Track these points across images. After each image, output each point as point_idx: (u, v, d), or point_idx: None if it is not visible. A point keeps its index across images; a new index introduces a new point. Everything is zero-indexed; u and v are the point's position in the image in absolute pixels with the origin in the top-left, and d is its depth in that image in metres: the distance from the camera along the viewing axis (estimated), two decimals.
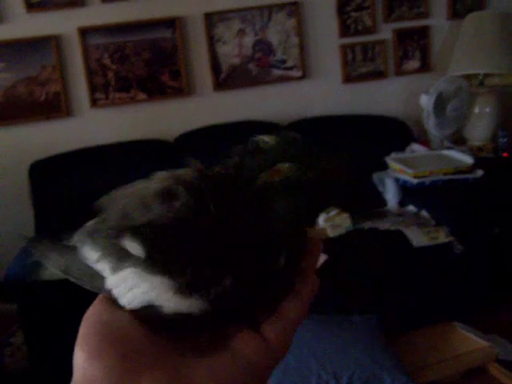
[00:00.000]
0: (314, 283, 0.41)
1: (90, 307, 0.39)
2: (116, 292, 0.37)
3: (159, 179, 0.41)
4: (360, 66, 3.33)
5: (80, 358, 0.35)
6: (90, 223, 0.42)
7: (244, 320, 0.39)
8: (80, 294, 0.55)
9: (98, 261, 0.38)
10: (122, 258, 0.37)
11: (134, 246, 0.37)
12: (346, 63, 3.30)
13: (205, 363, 0.36)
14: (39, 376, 2.27)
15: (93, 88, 3.01)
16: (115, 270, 0.37)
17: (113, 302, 0.38)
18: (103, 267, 0.38)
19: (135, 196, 0.40)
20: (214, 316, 0.37)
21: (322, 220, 2.59)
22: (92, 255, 0.39)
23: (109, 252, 0.38)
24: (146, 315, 0.37)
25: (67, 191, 2.75)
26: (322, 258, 2.35)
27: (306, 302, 0.40)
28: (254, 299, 0.38)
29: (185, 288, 0.36)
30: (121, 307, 0.38)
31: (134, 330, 0.36)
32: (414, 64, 3.42)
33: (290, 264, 0.40)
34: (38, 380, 2.29)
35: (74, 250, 0.41)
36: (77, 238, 0.41)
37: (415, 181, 2.72)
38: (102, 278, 0.38)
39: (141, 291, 0.37)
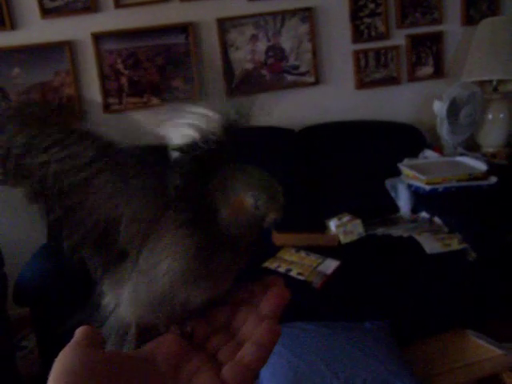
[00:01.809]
0: (276, 332, 0.43)
1: (63, 350, 0.40)
2: None
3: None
4: (373, 71, 3.32)
5: None
6: None
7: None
8: (93, 298, 0.55)
9: None
10: None
11: None
12: (358, 69, 3.30)
13: None
14: None
15: (106, 93, 3.02)
16: None
17: (88, 343, 0.41)
18: None
19: None
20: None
21: (334, 226, 2.58)
22: None
23: None
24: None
25: None
26: (334, 263, 2.34)
27: (265, 350, 0.42)
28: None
29: None
30: (93, 348, 0.40)
31: (103, 371, 0.38)
32: (427, 70, 3.40)
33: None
34: None
35: None
36: None
37: (428, 187, 2.70)
38: None
39: None
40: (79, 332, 0.43)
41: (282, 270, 2.31)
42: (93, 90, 3.02)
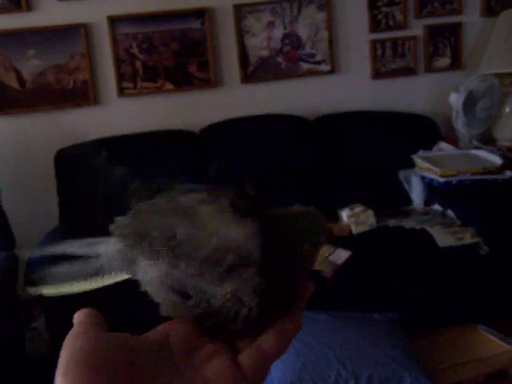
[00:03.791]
0: (298, 325, 0.42)
1: (71, 333, 0.39)
2: None
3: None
4: (389, 61, 3.29)
5: None
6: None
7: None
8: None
9: None
10: None
11: None
12: (375, 59, 3.26)
13: None
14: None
15: (120, 77, 3.02)
16: None
17: (94, 325, 0.39)
18: None
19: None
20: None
21: (345, 216, 2.57)
22: None
23: None
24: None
25: (92, 179, 2.76)
26: (346, 253, 2.33)
27: (286, 340, 0.41)
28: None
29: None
30: (103, 331, 0.39)
31: (116, 358, 0.36)
32: (444, 61, 3.36)
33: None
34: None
35: None
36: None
37: (442, 180, 2.68)
38: None
39: None
40: (82, 314, 0.42)
41: None
42: (107, 74, 3.01)
